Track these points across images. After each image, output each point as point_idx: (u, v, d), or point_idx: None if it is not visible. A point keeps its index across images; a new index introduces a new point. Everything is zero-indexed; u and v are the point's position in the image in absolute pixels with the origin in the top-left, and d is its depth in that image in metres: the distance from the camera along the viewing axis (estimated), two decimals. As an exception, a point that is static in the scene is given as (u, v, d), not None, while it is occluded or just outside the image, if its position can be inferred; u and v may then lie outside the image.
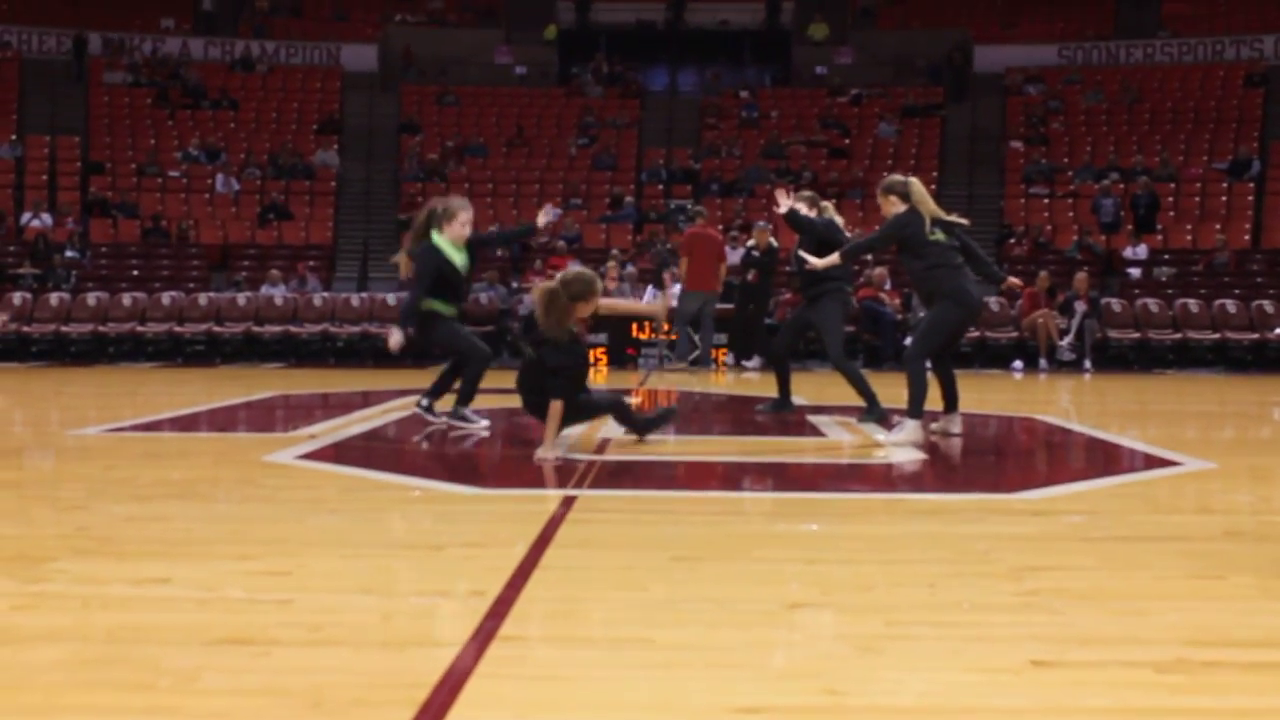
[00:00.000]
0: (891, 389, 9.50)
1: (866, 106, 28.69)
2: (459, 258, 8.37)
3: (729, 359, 17.84)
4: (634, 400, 10.84)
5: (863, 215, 25.03)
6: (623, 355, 18.12)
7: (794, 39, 32.33)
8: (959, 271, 8.08)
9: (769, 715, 2.68)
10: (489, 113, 29.09)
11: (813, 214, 9.41)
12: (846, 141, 27.57)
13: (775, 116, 28.58)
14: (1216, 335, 19.83)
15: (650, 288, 19.18)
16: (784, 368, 9.99)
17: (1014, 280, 9.14)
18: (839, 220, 9.68)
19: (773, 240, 17.43)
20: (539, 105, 29.35)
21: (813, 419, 9.46)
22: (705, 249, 17.15)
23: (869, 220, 24.75)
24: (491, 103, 29.55)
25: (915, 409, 7.91)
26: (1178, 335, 19.85)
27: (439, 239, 8.30)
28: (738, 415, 9.98)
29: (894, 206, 8.25)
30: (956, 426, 8.29)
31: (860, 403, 9.14)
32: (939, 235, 8.04)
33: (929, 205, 8.16)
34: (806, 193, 10.02)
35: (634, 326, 18.24)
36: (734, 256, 21.46)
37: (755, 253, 17.47)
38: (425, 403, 8.73)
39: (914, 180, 8.28)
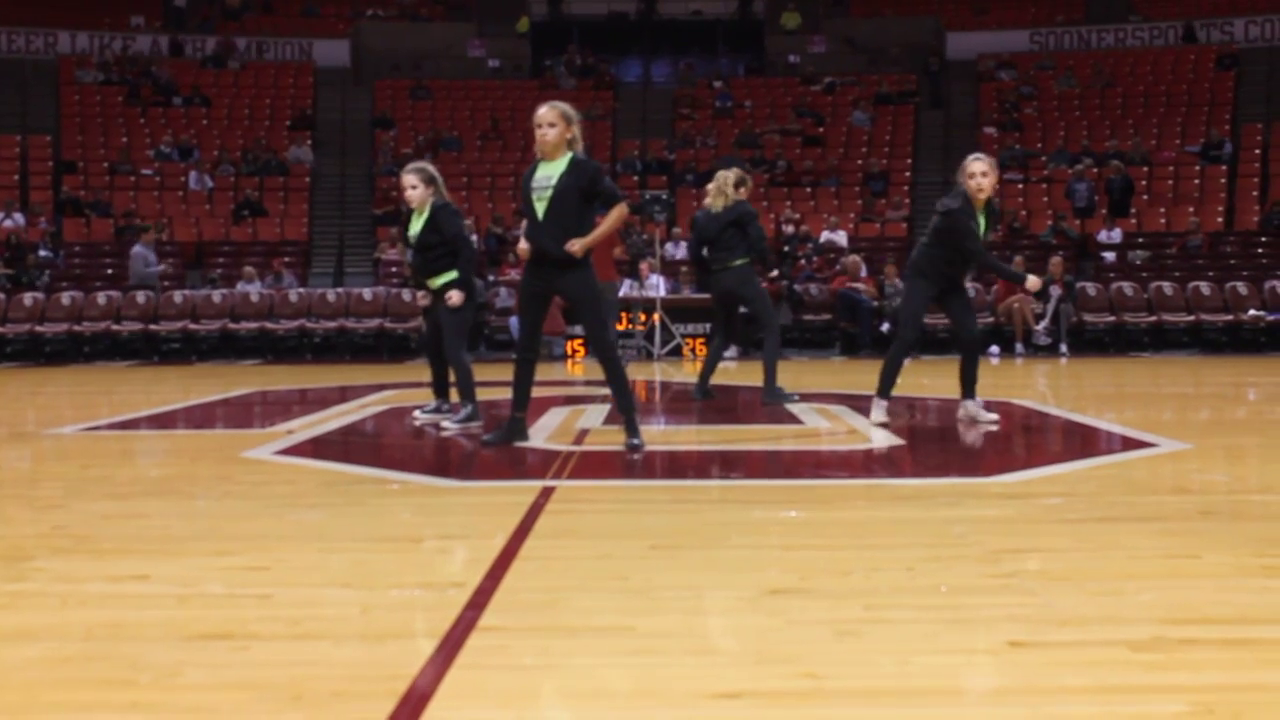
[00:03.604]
0: (870, 375, 9.50)
1: (840, 95, 28.72)
2: None
3: (730, 351, 17.80)
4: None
5: (838, 204, 25.09)
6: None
7: (767, 28, 32.32)
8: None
9: (749, 700, 2.69)
10: (463, 106, 29.04)
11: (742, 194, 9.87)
12: (821, 130, 27.59)
13: (749, 106, 28.60)
14: (1191, 317, 19.93)
15: (626, 280, 19.18)
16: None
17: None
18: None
19: None
20: (512, 98, 29.29)
21: (790, 406, 9.46)
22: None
23: (844, 208, 24.84)
24: (465, 96, 29.50)
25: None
26: (1152, 318, 19.94)
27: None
28: (714, 404, 9.99)
29: None
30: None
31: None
32: None
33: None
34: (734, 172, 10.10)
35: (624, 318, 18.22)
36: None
37: None
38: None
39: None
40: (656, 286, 18.72)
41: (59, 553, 4.27)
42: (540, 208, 6.81)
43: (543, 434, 7.62)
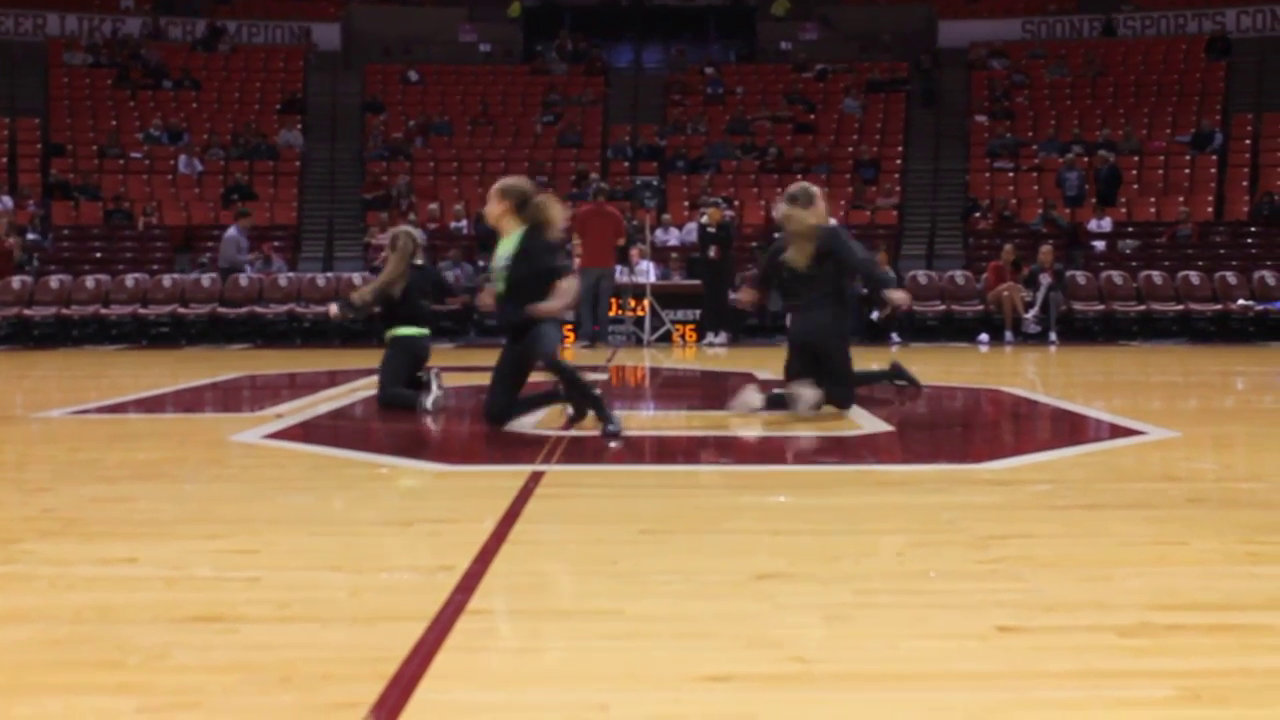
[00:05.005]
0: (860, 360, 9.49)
1: (831, 82, 28.70)
2: None
3: (719, 336, 17.78)
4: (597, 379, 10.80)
5: (829, 190, 25.05)
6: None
7: (758, 15, 32.30)
8: None
9: (737, 683, 2.69)
10: (453, 91, 28.96)
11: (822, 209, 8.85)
12: (812, 117, 27.56)
13: (740, 92, 28.56)
14: (1180, 306, 19.96)
15: (617, 266, 19.16)
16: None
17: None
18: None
19: (728, 214, 17.49)
20: (504, 83, 29.23)
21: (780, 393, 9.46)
22: (598, 226, 17.25)
23: (835, 195, 24.82)
24: (456, 81, 29.42)
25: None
26: (1141, 307, 19.97)
27: None
28: (705, 390, 9.99)
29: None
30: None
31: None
32: None
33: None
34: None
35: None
36: (689, 234, 21.56)
37: (710, 229, 17.60)
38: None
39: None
40: (647, 272, 18.72)
41: (47, 535, 4.27)
42: (500, 286, 7.20)
43: (532, 419, 7.62)
